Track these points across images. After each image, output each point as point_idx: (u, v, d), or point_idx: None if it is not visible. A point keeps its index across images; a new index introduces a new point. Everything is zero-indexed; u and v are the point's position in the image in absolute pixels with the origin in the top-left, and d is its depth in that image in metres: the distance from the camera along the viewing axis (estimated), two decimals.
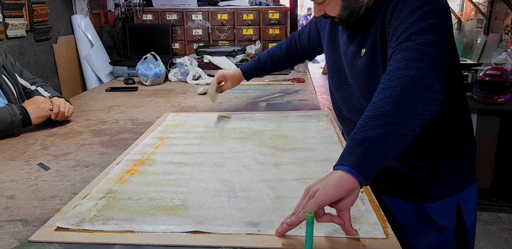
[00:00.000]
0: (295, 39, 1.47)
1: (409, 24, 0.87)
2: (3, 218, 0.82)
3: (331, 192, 0.68)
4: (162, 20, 2.70)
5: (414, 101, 0.76)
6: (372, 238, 0.71)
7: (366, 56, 1.02)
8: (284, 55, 1.51)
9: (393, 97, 0.76)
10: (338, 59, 1.15)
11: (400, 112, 0.74)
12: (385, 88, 0.79)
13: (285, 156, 1.12)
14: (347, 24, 1.05)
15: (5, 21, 1.98)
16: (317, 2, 1.01)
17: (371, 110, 0.76)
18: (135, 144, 1.24)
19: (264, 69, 1.55)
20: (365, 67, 1.03)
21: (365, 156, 0.69)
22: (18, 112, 1.32)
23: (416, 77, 0.78)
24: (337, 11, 1.00)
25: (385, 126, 0.72)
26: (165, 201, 0.87)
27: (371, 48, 1.01)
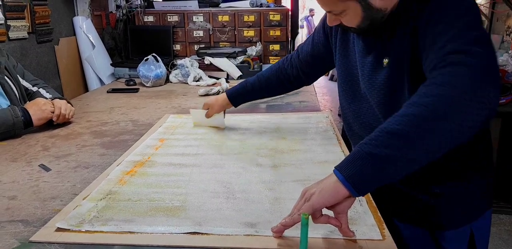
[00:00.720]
0: (289, 58, 1.27)
1: (455, 34, 0.74)
2: (4, 218, 0.82)
3: (326, 198, 0.68)
4: (163, 21, 2.71)
5: (445, 126, 0.65)
6: (369, 240, 0.71)
7: (390, 67, 0.89)
8: (274, 76, 1.28)
9: (423, 117, 0.65)
10: (351, 69, 1.03)
11: (422, 137, 0.65)
12: (417, 103, 0.67)
13: (284, 157, 1.12)
14: (364, 33, 0.92)
15: (7, 22, 2.00)
16: (334, 13, 0.87)
17: (393, 124, 0.67)
18: (136, 145, 1.25)
19: (251, 93, 1.32)
20: (388, 80, 0.90)
21: (363, 173, 0.66)
22: (20, 114, 1.33)
23: (457, 100, 0.65)
24: (356, 23, 0.87)
25: (399, 148, 0.65)
26: (164, 202, 0.88)
27: (396, 58, 0.87)
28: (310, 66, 1.23)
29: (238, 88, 1.32)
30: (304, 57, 1.22)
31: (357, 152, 0.68)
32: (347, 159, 0.69)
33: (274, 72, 1.28)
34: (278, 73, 1.27)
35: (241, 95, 1.32)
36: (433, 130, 0.65)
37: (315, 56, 1.19)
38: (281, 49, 2.65)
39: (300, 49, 1.25)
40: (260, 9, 2.66)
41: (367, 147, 0.67)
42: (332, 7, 0.86)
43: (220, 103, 1.33)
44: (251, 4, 2.74)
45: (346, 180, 0.67)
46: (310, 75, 1.26)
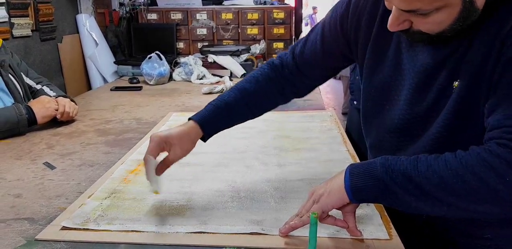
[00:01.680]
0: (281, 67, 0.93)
1: None
2: (10, 216, 0.82)
3: (335, 200, 0.67)
4: (167, 19, 2.71)
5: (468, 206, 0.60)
6: (375, 239, 0.71)
7: (459, 91, 0.67)
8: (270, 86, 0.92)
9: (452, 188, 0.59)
10: (390, 93, 0.78)
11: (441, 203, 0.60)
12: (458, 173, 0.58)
13: (288, 156, 1.12)
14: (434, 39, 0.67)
15: (11, 20, 2.00)
16: (419, 13, 0.62)
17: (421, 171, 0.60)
18: (140, 143, 1.25)
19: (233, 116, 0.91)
20: (455, 107, 0.67)
21: (369, 191, 0.64)
22: (24, 112, 1.33)
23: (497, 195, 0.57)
24: (443, 25, 0.63)
25: (412, 196, 0.61)
26: (169, 201, 0.87)
27: (470, 82, 0.66)
28: (312, 74, 0.93)
29: (210, 110, 0.87)
30: (308, 64, 0.91)
31: (374, 169, 0.64)
32: (364, 167, 0.66)
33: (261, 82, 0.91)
34: (277, 81, 0.92)
35: (219, 121, 0.89)
36: (452, 204, 0.60)
37: (322, 66, 0.92)
38: (285, 47, 2.64)
39: (297, 55, 0.92)
40: (263, 6, 2.65)
41: (386, 174, 0.62)
42: (423, 4, 0.60)
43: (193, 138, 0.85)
44: (255, 1, 2.73)
45: (350, 189, 0.66)
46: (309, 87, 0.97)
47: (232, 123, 0.92)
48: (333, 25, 0.85)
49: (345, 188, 0.66)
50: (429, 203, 0.61)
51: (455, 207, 0.61)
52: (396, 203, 0.64)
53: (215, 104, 0.88)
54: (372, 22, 0.78)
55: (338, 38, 0.85)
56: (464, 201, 0.60)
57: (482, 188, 0.57)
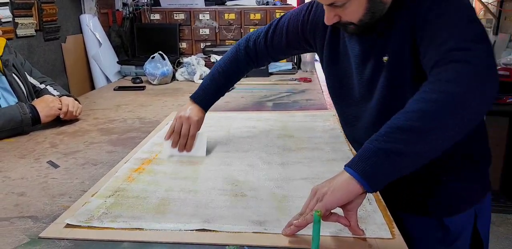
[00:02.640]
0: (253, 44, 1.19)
1: (455, 30, 0.76)
2: (13, 214, 0.83)
3: (339, 197, 0.68)
4: (170, 19, 2.72)
5: (452, 121, 0.68)
6: (378, 238, 0.71)
7: (389, 64, 0.89)
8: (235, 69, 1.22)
9: (430, 112, 0.68)
10: (342, 76, 1.03)
11: (432, 132, 0.67)
12: (425, 99, 0.69)
13: (291, 155, 1.12)
14: (362, 30, 0.90)
15: (15, 20, 2.00)
16: (336, 5, 0.83)
17: (401, 119, 0.69)
18: (143, 142, 1.25)
19: (219, 92, 1.21)
20: (389, 78, 0.89)
21: (377, 168, 0.67)
22: (28, 111, 1.33)
23: (464, 96, 0.68)
24: (358, 16, 0.85)
25: (409, 143, 0.67)
26: (172, 199, 0.88)
27: (396, 56, 0.87)
28: (278, 56, 1.26)
29: (206, 92, 1.19)
30: (275, 49, 1.17)
31: (367, 149, 0.68)
32: (358, 156, 0.69)
33: (232, 64, 1.21)
34: (238, 63, 1.21)
35: (211, 98, 1.20)
36: (442, 125, 0.67)
37: (287, 53, 1.25)
38: None
39: (269, 37, 1.16)
40: (266, 7, 2.66)
41: (378, 143, 0.68)
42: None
43: (200, 115, 1.15)
44: (257, 2, 2.73)
45: (360, 177, 0.67)
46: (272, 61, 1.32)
47: (218, 98, 1.23)
48: (295, 25, 1.10)
49: (356, 179, 0.67)
50: (427, 139, 0.67)
51: (445, 129, 0.68)
52: (404, 163, 0.67)
53: (206, 86, 1.20)
54: (325, 29, 1.03)
55: (298, 35, 1.11)
56: (446, 117, 0.67)
57: (448, 98, 0.68)
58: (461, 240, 1.02)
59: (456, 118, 0.68)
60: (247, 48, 1.20)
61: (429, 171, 0.94)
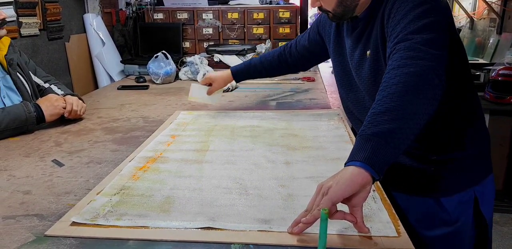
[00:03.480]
0: (290, 47, 1.46)
1: (406, 23, 0.89)
2: (19, 212, 0.83)
3: (344, 188, 0.68)
4: (173, 19, 2.72)
5: (417, 95, 0.78)
6: (384, 236, 0.71)
7: (371, 58, 1.04)
8: (276, 62, 1.48)
9: (396, 93, 0.78)
10: (345, 64, 1.17)
11: (405, 107, 0.76)
12: (387, 85, 0.81)
13: (296, 154, 1.12)
14: (342, 20, 1.10)
15: (19, 19, 2.01)
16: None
17: (377, 107, 0.78)
18: (147, 141, 1.25)
19: (253, 72, 1.51)
20: (371, 69, 1.04)
21: (376, 151, 0.71)
22: (33, 110, 1.34)
23: (416, 73, 0.80)
24: (331, 6, 1.03)
25: (391, 121, 0.74)
26: (177, 197, 0.88)
27: (374, 50, 1.02)
28: (306, 59, 1.44)
29: (243, 66, 1.51)
30: (301, 50, 1.41)
31: (361, 139, 0.74)
32: (355, 149, 0.74)
33: (276, 57, 1.47)
34: (280, 58, 1.46)
35: (244, 72, 1.50)
36: (411, 100, 0.77)
37: (311, 52, 1.40)
38: None
39: (298, 41, 1.43)
40: (269, 6, 2.65)
41: (367, 130, 0.74)
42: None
43: (224, 78, 1.50)
44: (261, 1, 2.73)
45: (364, 164, 0.69)
46: (306, 65, 1.51)
47: (253, 77, 1.54)
48: (315, 27, 1.33)
49: (361, 167, 0.69)
50: (406, 114, 0.76)
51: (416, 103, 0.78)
52: (398, 141, 0.73)
53: (246, 62, 1.53)
54: (331, 27, 1.22)
55: (316, 35, 1.34)
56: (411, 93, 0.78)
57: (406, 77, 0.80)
58: (462, 221, 1.05)
59: (419, 91, 0.78)
60: (285, 47, 1.47)
61: (422, 150, 1.04)
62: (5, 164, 1.10)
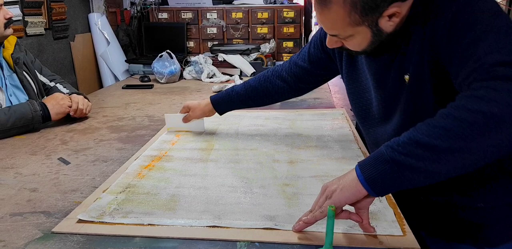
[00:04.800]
0: (281, 70, 1.17)
1: (493, 42, 0.66)
2: (26, 210, 0.84)
3: (347, 196, 0.68)
4: (177, 18, 2.73)
5: (478, 145, 0.61)
6: (389, 235, 0.71)
7: (411, 84, 0.81)
8: (262, 88, 1.18)
9: (454, 132, 0.61)
10: (362, 93, 0.96)
11: (451, 153, 0.61)
12: (453, 115, 0.62)
13: (300, 153, 1.12)
14: (373, 54, 0.86)
15: (25, 19, 2.02)
16: (340, 37, 0.80)
17: (422, 134, 0.63)
18: (152, 140, 1.26)
19: (237, 102, 1.22)
20: (411, 97, 0.81)
21: (384, 177, 0.65)
22: (39, 108, 1.34)
23: (499, 119, 0.59)
24: (361, 47, 0.81)
25: (424, 159, 0.62)
26: (182, 196, 0.88)
27: (416, 74, 0.79)
28: (306, 82, 1.15)
29: (224, 95, 1.22)
30: (299, 73, 1.14)
31: (381, 155, 0.66)
32: (371, 158, 0.67)
33: (262, 82, 1.19)
34: (267, 84, 1.18)
35: (226, 102, 1.22)
36: (464, 149, 0.61)
37: (312, 74, 1.13)
38: (295, 46, 2.64)
39: (293, 62, 1.15)
40: (273, 6, 2.66)
41: (392, 152, 0.64)
42: (339, 32, 0.78)
43: (202, 108, 1.24)
44: (265, 1, 2.74)
45: (365, 181, 0.66)
46: (304, 89, 1.20)
47: (237, 107, 1.25)
48: (318, 44, 1.08)
49: (361, 183, 0.66)
50: (443, 160, 0.62)
51: (467, 153, 0.61)
52: (414, 178, 0.63)
53: (229, 90, 1.24)
54: None
55: (320, 53, 1.08)
56: (473, 140, 0.61)
57: (480, 118, 0.60)
58: None
59: (483, 142, 0.60)
60: (274, 71, 1.19)
61: (469, 197, 0.86)
62: (12, 162, 1.11)
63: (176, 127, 1.32)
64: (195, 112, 1.26)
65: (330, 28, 0.79)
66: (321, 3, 0.75)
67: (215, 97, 1.23)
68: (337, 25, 0.77)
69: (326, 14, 0.76)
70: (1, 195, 0.91)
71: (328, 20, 0.77)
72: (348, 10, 0.73)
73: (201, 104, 1.25)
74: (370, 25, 0.76)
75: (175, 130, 1.32)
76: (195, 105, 1.26)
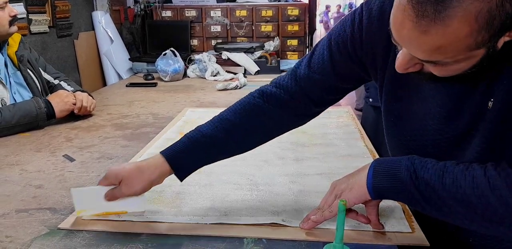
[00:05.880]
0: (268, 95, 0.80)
1: None
2: (32, 206, 0.84)
3: (357, 197, 0.67)
4: (181, 16, 2.72)
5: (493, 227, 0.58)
6: (398, 232, 0.70)
7: (495, 110, 0.60)
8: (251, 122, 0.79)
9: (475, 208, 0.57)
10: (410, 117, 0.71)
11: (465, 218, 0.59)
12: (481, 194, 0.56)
13: (305, 151, 1.12)
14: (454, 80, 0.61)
15: (29, 17, 2.02)
16: (438, 63, 0.56)
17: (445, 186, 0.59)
18: (157, 137, 1.25)
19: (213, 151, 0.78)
20: (492, 129, 0.61)
21: (391, 194, 0.64)
22: (43, 105, 1.34)
23: None
24: (459, 72, 0.58)
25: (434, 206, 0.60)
26: (188, 193, 0.88)
27: (504, 100, 0.59)
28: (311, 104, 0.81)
29: (188, 146, 0.76)
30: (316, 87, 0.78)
31: (398, 171, 0.62)
32: (388, 166, 0.64)
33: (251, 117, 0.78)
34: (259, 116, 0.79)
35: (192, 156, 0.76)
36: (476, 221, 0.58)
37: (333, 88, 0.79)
38: (299, 44, 2.63)
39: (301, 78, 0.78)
40: (278, 3, 2.65)
41: (410, 179, 0.61)
42: (445, 56, 0.54)
43: (147, 176, 0.74)
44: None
45: (371, 188, 0.65)
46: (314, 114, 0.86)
47: (211, 158, 0.79)
48: (343, 47, 0.74)
49: (367, 186, 0.65)
50: (451, 216, 0.60)
51: (477, 224, 0.59)
52: (417, 207, 0.63)
53: (189, 136, 0.76)
54: (388, 48, 0.69)
55: (350, 59, 0.74)
56: (487, 221, 0.58)
57: (507, 212, 0.55)
58: None
59: (497, 228, 0.57)
60: (263, 93, 0.80)
61: None
62: (17, 158, 1.10)
63: (92, 209, 0.77)
64: (133, 184, 0.73)
65: (431, 52, 0.53)
66: (428, 17, 0.49)
67: (171, 152, 0.76)
68: (448, 49, 0.52)
69: (433, 34, 0.50)
70: (6, 191, 0.91)
71: (433, 41, 0.51)
72: (477, 27, 0.49)
73: (141, 168, 0.74)
74: (491, 45, 0.53)
75: (89, 216, 0.77)
76: (131, 173, 0.73)
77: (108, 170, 0.75)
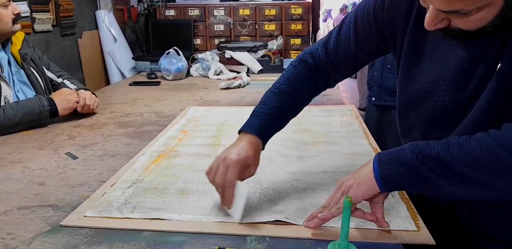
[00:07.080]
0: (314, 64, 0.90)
1: None
2: (34, 203, 0.83)
3: (364, 191, 0.66)
4: (184, 15, 2.72)
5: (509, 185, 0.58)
6: (403, 230, 0.69)
7: (502, 71, 0.64)
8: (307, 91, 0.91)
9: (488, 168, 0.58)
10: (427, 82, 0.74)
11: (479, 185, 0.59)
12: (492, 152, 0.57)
13: (309, 149, 1.11)
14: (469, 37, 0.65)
15: (33, 15, 2.02)
16: (460, 13, 0.59)
17: (453, 155, 0.59)
18: (160, 136, 1.25)
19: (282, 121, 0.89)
20: (498, 89, 0.64)
21: (400, 179, 0.64)
22: (46, 103, 1.34)
23: None
24: (481, 24, 0.61)
25: (446, 179, 0.60)
26: (191, 191, 0.87)
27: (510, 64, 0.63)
28: (344, 68, 0.90)
29: (266, 121, 0.85)
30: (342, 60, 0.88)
31: (403, 156, 0.63)
32: (392, 155, 0.65)
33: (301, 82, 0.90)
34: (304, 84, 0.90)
35: (273, 127, 0.87)
36: (491, 184, 0.59)
37: (355, 60, 0.88)
38: (302, 43, 2.62)
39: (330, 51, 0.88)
40: (281, 2, 2.64)
41: (417, 160, 0.62)
42: (466, 4, 0.58)
43: (254, 152, 0.80)
44: None
45: (380, 179, 0.65)
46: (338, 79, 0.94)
47: (283, 126, 0.89)
48: (366, 19, 0.81)
49: (375, 178, 0.65)
50: (464, 186, 0.60)
51: (491, 188, 0.59)
52: (429, 189, 0.63)
53: (267, 112, 0.85)
54: (409, 15, 0.74)
55: (372, 32, 0.81)
56: (502, 180, 0.58)
57: None
58: None
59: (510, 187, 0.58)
60: (304, 63, 0.91)
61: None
62: (20, 156, 1.10)
63: None
64: (252, 160, 0.79)
65: (452, 2, 0.58)
66: None
67: (256, 129, 0.83)
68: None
69: None
70: (9, 188, 0.90)
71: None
72: None
73: (249, 147, 0.79)
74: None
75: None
76: (249, 154, 0.78)
77: (233, 163, 0.76)
